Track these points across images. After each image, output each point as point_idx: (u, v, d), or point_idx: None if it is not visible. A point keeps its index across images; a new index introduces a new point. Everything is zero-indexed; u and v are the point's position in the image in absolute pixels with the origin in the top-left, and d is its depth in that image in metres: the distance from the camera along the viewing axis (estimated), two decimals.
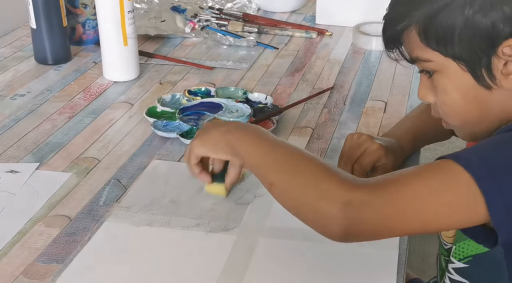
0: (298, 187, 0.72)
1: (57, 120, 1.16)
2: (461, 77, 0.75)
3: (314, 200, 0.70)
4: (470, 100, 0.76)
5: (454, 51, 0.74)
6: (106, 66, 1.31)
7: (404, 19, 0.76)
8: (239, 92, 1.23)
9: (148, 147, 1.07)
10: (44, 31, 1.35)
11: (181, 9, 1.65)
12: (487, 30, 0.71)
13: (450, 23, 0.72)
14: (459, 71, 0.75)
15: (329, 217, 0.69)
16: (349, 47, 1.49)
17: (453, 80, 0.76)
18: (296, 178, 0.73)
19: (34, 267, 0.80)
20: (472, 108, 0.77)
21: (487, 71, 0.73)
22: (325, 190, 0.69)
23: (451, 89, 0.77)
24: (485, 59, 0.73)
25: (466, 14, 0.71)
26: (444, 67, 0.75)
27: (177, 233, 0.86)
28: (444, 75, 0.76)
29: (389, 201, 0.68)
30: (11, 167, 1.01)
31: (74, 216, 0.89)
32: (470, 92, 0.76)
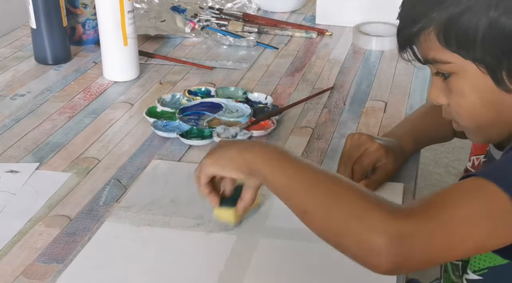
0: (340, 217, 0.67)
1: (57, 120, 1.16)
2: (480, 79, 0.74)
3: (359, 232, 0.66)
4: (486, 103, 0.75)
5: (475, 54, 0.72)
6: (106, 66, 1.31)
7: (422, 20, 0.74)
8: (239, 92, 1.23)
9: (148, 147, 1.07)
10: (44, 31, 1.35)
11: (181, 9, 1.65)
12: (511, 33, 0.70)
13: (473, 26, 0.71)
14: (478, 73, 0.73)
15: (377, 250, 0.64)
16: (349, 47, 1.49)
17: (471, 82, 0.74)
18: (337, 207, 0.68)
19: (34, 267, 0.80)
20: (488, 111, 0.76)
21: (508, 75, 0.72)
22: (372, 221, 0.65)
23: (469, 91, 0.75)
24: (506, 62, 0.72)
25: (490, 16, 0.70)
26: (463, 69, 0.74)
27: (177, 233, 0.86)
28: (462, 77, 0.75)
29: (436, 230, 0.65)
30: (11, 167, 1.01)
31: (74, 216, 0.89)
32: (487, 95, 0.74)
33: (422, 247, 0.65)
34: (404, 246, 0.64)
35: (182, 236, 0.85)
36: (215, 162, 0.80)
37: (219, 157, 0.80)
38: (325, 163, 1.02)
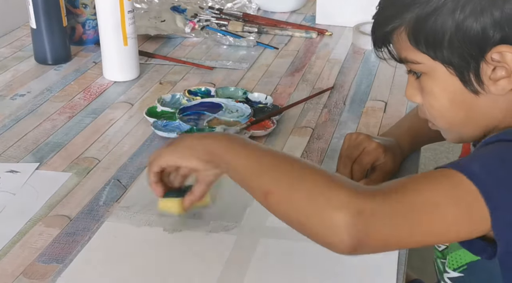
0: (302, 195, 0.67)
1: (57, 120, 1.16)
2: (449, 80, 0.74)
3: (321, 209, 0.66)
4: (457, 104, 0.76)
5: (443, 55, 0.73)
6: (106, 66, 1.31)
7: (394, 20, 0.75)
8: (239, 92, 1.23)
9: (148, 147, 1.07)
10: (44, 31, 1.35)
11: (181, 9, 1.65)
12: (477, 36, 0.71)
13: (440, 27, 0.72)
14: (447, 74, 0.74)
15: (339, 226, 0.64)
16: (349, 47, 1.49)
17: (441, 83, 0.75)
18: (301, 186, 0.68)
19: (34, 267, 0.80)
20: (458, 111, 0.76)
21: (475, 76, 0.73)
22: (334, 198, 0.65)
23: (438, 92, 0.76)
24: (473, 64, 0.72)
25: (456, 19, 0.71)
26: (432, 70, 0.75)
27: (177, 233, 0.85)
28: (432, 77, 0.76)
29: (399, 210, 0.66)
30: (11, 167, 1.01)
31: (74, 216, 0.89)
32: (457, 96, 0.75)
33: (383, 226, 0.65)
34: (365, 223, 0.64)
35: (182, 236, 0.85)
36: (173, 150, 0.79)
37: (178, 146, 0.79)
38: (325, 163, 1.02)
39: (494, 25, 0.70)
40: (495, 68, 0.72)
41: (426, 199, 0.66)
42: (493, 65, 0.72)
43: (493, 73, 0.72)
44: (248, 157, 0.74)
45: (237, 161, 0.74)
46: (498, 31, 0.70)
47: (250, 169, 0.73)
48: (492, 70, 0.72)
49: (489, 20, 0.70)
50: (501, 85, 0.72)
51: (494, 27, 0.70)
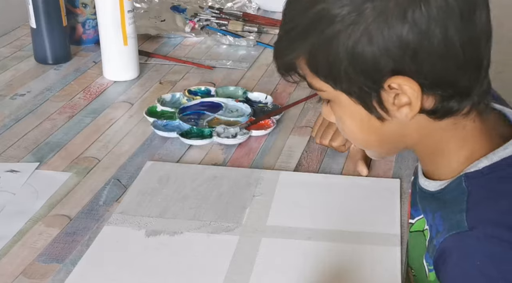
0: None
1: (57, 119, 1.16)
2: (353, 108, 0.73)
3: None
4: (366, 129, 0.75)
5: (341, 85, 0.71)
6: (106, 66, 1.31)
7: (293, 51, 0.73)
8: (239, 91, 1.23)
9: (148, 146, 1.07)
10: (44, 30, 1.35)
11: (181, 9, 1.65)
12: (370, 66, 0.68)
13: (334, 58, 0.69)
14: (351, 102, 0.72)
15: None
16: None
17: (347, 110, 0.74)
18: None
19: (34, 266, 0.80)
20: (370, 135, 0.76)
21: (379, 104, 0.71)
22: None
23: (346, 118, 0.75)
24: (374, 94, 0.70)
25: (348, 49, 0.68)
26: (337, 98, 0.73)
27: (178, 235, 0.85)
28: (337, 104, 0.74)
29: None
30: (11, 166, 1.01)
31: (74, 215, 0.89)
32: (364, 122, 0.74)
33: None
34: None
35: (183, 238, 0.85)
36: None
37: None
38: (325, 162, 1.02)
39: (384, 54, 0.67)
40: (397, 94, 0.69)
41: None
42: (393, 92, 0.69)
43: (397, 99, 0.70)
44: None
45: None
46: (389, 61, 0.67)
47: None
48: (394, 96, 0.70)
49: (377, 48, 0.67)
50: (404, 112, 0.70)
51: (384, 55, 0.67)
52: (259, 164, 1.01)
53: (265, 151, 1.05)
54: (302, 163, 1.02)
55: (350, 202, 0.92)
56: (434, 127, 0.73)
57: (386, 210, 0.90)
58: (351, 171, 0.99)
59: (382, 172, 0.98)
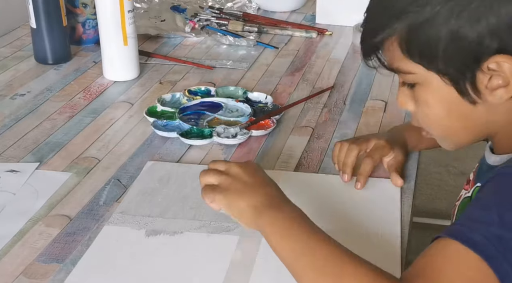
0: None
1: (57, 119, 1.16)
2: (444, 90, 0.72)
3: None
4: (453, 114, 0.74)
5: (437, 65, 0.71)
6: (106, 66, 1.31)
7: (385, 30, 0.72)
8: (239, 91, 1.23)
9: (148, 146, 1.07)
10: (44, 30, 1.35)
11: (181, 9, 1.65)
12: (473, 45, 0.68)
13: (434, 37, 0.69)
14: (442, 84, 0.72)
15: None
16: (349, 47, 1.49)
17: (436, 93, 0.73)
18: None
19: (34, 266, 0.80)
20: (455, 121, 0.75)
21: (472, 86, 0.70)
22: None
23: (434, 102, 0.74)
24: (469, 74, 0.70)
25: (451, 27, 0.68)
26: (426, 80, 0.73)
27: (178, 235, 0.85)
28: (427, 88, 0.74)
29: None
30: (11, 166, 1.01)
31: (74, 215, 0.89)
32: (453, 106, 0.73)
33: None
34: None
35: (183, 238, 0.85)
36: (228, 204, 0.78)
37: (231, 205, 0.78)
38: (325, 162, 1.02)
39: (491, 34, 0.67)
40: (491, 77, 0.69)
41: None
42: (489, 74, 0.69)
43: (490, 82, 0.70)
44: (293, 246, 0.72)
45: (279, 249, 0.73)
46: (495, 40, 0.68)
47: (292, 260, 0.71)
48: (488, 79, 0.70)
49: (485, 28, 0.67)
50: (499, 94, 0.70)
51: (491, 35, 0.67)
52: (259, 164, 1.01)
53: (265, 151, 1.05)
54: (302, 163, 1.02)
55: (350, 202, 0.92)
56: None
57: (386, 210, 0.90)
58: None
59: (382, 172, 0.98)
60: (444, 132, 0.78)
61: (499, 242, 0.63)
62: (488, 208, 0.66)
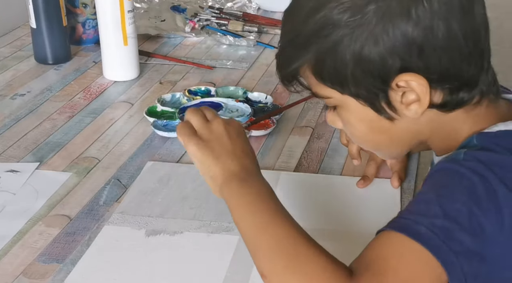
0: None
1: (57, 119, 1.16)
2: (362, 111, 0.73)
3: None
4: (376, 130, 0.75)
5: (349, 89, 0.72)
6: (106, 66, 1.31)
7: (295, 61, 0.73)
8: (239, 91, 1.23)
9: (148, 146, 1.07)
10: (44, 30, 1.35)
11: (181, 9, 1.65)
12: (378, 66, 0.69)
13: (340, 62, 0.70)
14: (359, 106, 0.73)
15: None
16: None
17: (355, 114, 0.74)
18: (291, 279, 0.67)
19: (34, 266, 0.80)
20: (379, 136, 0.76)
21: (387, 104, 0.72)
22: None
23: (355, 122, 0.76)
24: (382, 93, 0.71)
25: (354, 51, 0.69)
26: (344, 103, 0.74)
27: (178, 235, 0.85)
28: (346, 109, 0.75)
29: None
30: (11, 166, 1.01)
31: (74, 215, 0.89)
32: (374, 124, 0.74)
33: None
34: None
35: (183, 238, 0.85)
36: (200, 161, 0.78)
37: (203, 163, 0.78)
38: (325, 162, 1.02)
39: (391, 54, 0.68)
40: (404, 93, 0.70)
41: (404, 279, 0.65)
42: (401, 91, 0.70)
43: (404, 97, 0.70)
44: (255, 222, 0.72)
45: (242, 222, 0.73)
46: (396, 59, 0.68)
47: (251, 237, 0.71)
48: (401, 95, 0.70)
49: (384, 49, 0.68)
50: (413, 109, 0.71)
51: (391, 55, 0.68)
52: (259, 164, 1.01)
53: (265, 151, 1.05)
54: (302, 163, 1.02)
55: (350, 202, 0.92)
56: (445, 120, 0.73)
57: (386, 210, 0.90)
58: (351, 171, 0.99)
59: (382, 172, 0.98)
60: (373, 146, 0.81)
61: (444, 233, 0.64)
62: (430, 201, 0.67)
